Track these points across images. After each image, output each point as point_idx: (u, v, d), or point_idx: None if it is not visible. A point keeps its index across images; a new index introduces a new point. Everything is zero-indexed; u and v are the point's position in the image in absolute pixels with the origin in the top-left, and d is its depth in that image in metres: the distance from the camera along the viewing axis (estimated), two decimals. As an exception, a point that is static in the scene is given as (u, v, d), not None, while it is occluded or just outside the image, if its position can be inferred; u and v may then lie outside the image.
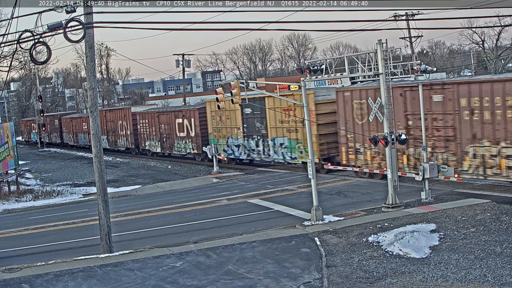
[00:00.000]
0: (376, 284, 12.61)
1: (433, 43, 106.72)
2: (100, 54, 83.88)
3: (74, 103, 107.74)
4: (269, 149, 31.51)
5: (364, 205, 20.68)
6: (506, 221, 16.38)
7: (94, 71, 16.75)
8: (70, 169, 43.95)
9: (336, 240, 16.26)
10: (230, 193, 26.21)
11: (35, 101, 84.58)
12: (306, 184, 24.85)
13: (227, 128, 35.26)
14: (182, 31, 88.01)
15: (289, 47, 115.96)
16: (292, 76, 78.21)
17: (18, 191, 32.19)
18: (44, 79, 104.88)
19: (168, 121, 42.04)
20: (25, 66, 51.66)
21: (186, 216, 21.94)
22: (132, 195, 29.37)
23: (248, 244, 16.35)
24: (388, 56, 22.93)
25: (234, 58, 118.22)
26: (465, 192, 21.02)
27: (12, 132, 35.29)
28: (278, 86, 24.75)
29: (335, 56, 67.71)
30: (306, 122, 19.51)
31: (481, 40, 63.56)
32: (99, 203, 16.72)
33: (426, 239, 15.11)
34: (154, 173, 37.36)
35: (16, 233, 21.68)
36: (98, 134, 16.84)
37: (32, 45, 15.04)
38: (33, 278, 14.41)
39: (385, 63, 20.90)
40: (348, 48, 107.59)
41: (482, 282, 12.04)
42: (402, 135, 19.64)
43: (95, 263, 15.40)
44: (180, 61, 60.87)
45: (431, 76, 26.66)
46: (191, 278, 13.80)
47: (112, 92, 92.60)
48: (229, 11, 19.15)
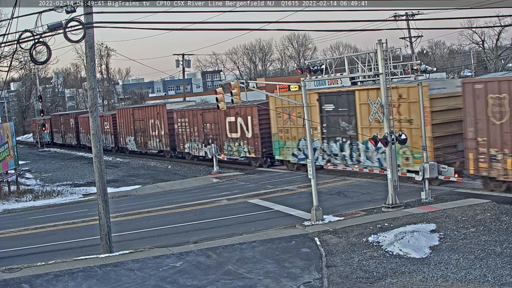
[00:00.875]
0: (376, 284, 12.61)
1: (433, 43, 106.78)
2: (100, 54, 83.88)
3: (74, 103, 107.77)
4: (359, 154, 25.93)
5: (364, 205, 20.68)
6: (506, 221, 16.38)
7: (94, 71, 16.74)
8: (70, 169, 43.96)
9: (336, 240, 16.26)
10: (230, 193, 26.20)
11: (35, 101, 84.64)
12: (306, 184, 24.85)
13: (298, 128, 29.76)
14: (182, 31, 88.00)
15: (289, 47, 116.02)
16: (292, 76, 78.16)
17: (18, 191, 32.18)
18: (44, 79, 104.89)
19: (216, 119, 36.67)
20: (25, 66, 51.68)
21: (186, 216, 21.94)
22: (132, 195, 29.37)
23: (248, 244, 16.35)
24: (388, 56, 22.96)
25: (234, 58, 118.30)
26: (465, 192, 21.01)
27: (12, 132, 35.29)
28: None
29: (335, 56, 67.75)
30: (306, 122, 19.49)
31: (481, 40, 63.61)
32: (99, 203, 16.72)
33: (426, 239, 15.11)
34: (154, 173, 37.36)
35: (16, 233, 21.68)
36: (98, 134, 16.84)
37: (32, 45, 15.04)
38: (33, 278, 14.41)
39: (385, 63, 20.90)
40: (348, 48, 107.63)
41: (482, 282, 12.04)
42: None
43: (95, 263, 15.40)
44: (180, 61, 60.88)
45: (431, 76, 26.60)
46: (191, 278, 13.80)
47: (112, 92, 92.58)
48: (229, 11, 19.17)
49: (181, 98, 63.54)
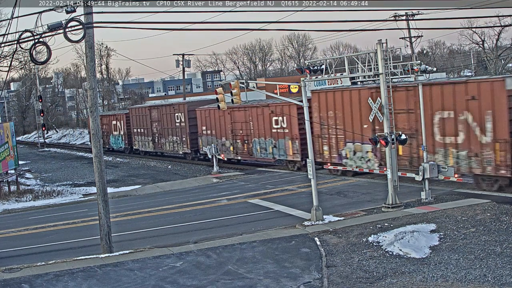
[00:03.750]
0: (376, 284, 12.61)
1: (433, 43, 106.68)
2: (100, 54, 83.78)
3: (74, 103, 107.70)
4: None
5: (364, 205, 20.68)
6: (506, 221, 16.38)
7: (94, 71, 16.75)
8: (70, 169, 43.98)
9: (336, 240, 16.26)
10: (230, 193, 26.20)
11: (35, 101, 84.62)
12: (306, 184, 24.84)
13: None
14: (182, 31, 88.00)
15: (289, 47, 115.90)
16: (292, 76, 78.11)
17: (18, 191, 32.19)
18: (44, 79, 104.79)
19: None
20: (25, 66, 51.69)
21: (186, 216, 21.94)
22: (132, 195, 29.36)
23: (248, 244, 16.35)
24: (388, 56, 22.95)
25: (234, 58, 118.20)
26: (465, 192, 21.01)
27: (12, 132, 35.29)
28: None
29: (335, 56, 67.72)
30: (306, 122, 19.50)
31: (481, 40, 63.52)
32: (99, 203, 16.72)
33: (426, 239, 15.11)
34: (154, 173, 37.36)
35: (16, 233, 21.68)
36: (98, 134, 16.84)
37: (32, 45, 15.04)
38: (33, 278, 14.41)
39: (385, 63, 20.90)
40: (348, 48, 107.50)
41: (482, 282, 12.03)
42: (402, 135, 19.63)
43: (95, 263, 15.40)
44: (180, 61, 60.91)
45: (431, 76, 26.59)
46: (191, 278, 13.80)
47: (112, 92, 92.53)
48: (229, 11, 19.16)
49: (181, 98, 63.50)
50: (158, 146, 45.01)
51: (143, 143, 47.62)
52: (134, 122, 48.75)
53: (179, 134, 41.74)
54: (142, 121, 47.23)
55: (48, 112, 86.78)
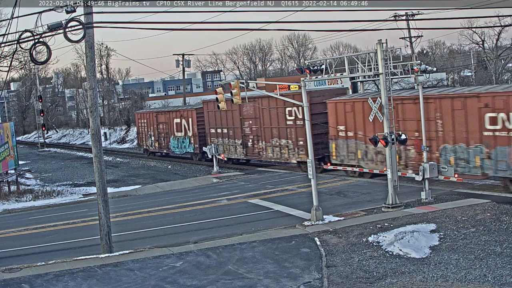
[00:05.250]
0: (376, 284, 12.61)
1: (433, 43, 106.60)
2: (100, 54, 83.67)
3: (74, 103, 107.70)
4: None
5: (364, 205, 20.68)
6: (506, 221, 16.38)
7: (94, 71, 16.75)
8: (70, 169, 43.98)
9: (336, 240, 16.26)
10: (230, 193, 26.20)
11: (35, 101, 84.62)
12: (306, 184, 24.84)
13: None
14: (182, 31, 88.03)
15: (289, 47, 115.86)
16: (292, 76, 78.10)
17: (18, 191, 32.19)
18: (44, 79, 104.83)
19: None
20: (25, 66, 51.65)
21: (186, 216, 21.94)
22: (132, 195, 29.36)
23: (248, 244, 16.35)
24: (388, 56, 22.98)
25: (234, 58, 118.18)
26: (465, 192, 21.02)
27: (12, 132, 35.30)
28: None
29: (335, 56, 67.76)
30: (306, 122, 19.50)
31: (481, 40, 63.48)
32: (99, 203, 16.72)
33: (426, 239, 15.11)
34: (154, 173, 37.36)
35: (16, 233, 21.67)
36: (98, 134, 16.84)
37: (32, 45, 15.03)
38: (33, 278, 14.41)
39: (385, 63, 20.92)
40: (348, 48, 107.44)
41: (482, 282, 12.03)
42: (402, 135, 19.64)
43: (95, 263, 15.39)
44: (180, 61, 60.89)
45: (431, 76, 26.60)
46: (191, 278, 13.80)
47: (112, 92, 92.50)
48: (229, 11, 19.13)
49: (181, 98, 63.49)
50: (253, 152, 34.10)
51: (226, 147, 36.40)
52: (209, 121, 37.87)
53: (291, 136, 30.90)
54: (225, 119, 36.14)
55: (48, 112, 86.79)
